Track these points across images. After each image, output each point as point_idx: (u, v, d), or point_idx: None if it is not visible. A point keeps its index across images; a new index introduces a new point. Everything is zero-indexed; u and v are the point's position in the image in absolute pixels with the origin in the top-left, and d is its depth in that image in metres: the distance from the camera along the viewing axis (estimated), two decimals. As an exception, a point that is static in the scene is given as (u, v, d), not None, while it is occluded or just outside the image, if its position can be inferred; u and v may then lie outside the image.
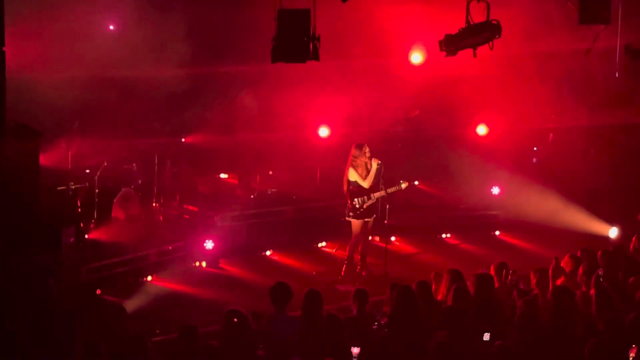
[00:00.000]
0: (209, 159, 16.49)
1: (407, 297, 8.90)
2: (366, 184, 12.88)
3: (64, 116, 13.39)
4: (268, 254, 14.31)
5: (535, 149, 18.08)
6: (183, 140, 15.79)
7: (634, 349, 7.80)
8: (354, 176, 12.90)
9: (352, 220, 12.99)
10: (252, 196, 15.87)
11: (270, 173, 17.21)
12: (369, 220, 13.04)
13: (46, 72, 13.07)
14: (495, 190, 16.77)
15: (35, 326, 8.77)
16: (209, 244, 13.52)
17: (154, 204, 14.44)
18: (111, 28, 14.85)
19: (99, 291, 11.93)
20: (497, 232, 16.02)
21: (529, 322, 8.48)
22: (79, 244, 11.79)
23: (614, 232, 15.10)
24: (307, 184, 16.70)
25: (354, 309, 9.16)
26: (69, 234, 11.40)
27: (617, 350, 7.90)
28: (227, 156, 16.58)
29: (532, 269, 10.30)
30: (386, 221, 13.05)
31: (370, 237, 13.64)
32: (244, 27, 15.26)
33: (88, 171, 13.61)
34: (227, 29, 15.78)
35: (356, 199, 12.87)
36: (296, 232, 15.01)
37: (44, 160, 11.74)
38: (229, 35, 15.80)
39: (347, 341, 8.17)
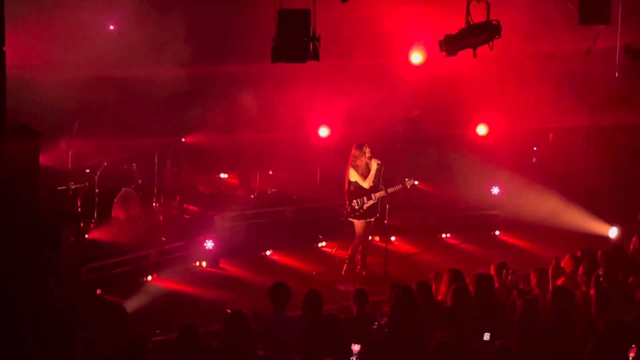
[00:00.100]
0: (209, 159, 16.50)
1: (407, 297, 8.90)
2: (366, 184, 12.87)
3: (64, 116, 13.38)
4: (268, 253, 14.30)
5: (535, 149, 18.09)
6: (183, 140, 15.79)
7: (633, 348, 7.80)
8: (354, 176, 12.89)
9: (354, 221, 13.01)
10: (252, 196, 15.88)
11: (270, 173, 17.23)
12: (371, 220, 13.05)
13: (46, 72, 13.06)
14: (495, 190, 16.78)
15: (35, 326, 8.76)
16: (209, 244, 13.53)
17: (154, 204, 14.44)
18: (111, 28, 14.85)
19: (99, 291, 11.92)
20: (497, 232, 16.02)
21: (529, 322, 8.47)
22: (79, 244, 11.77)
23: (614, 232, 15.09)
24: (307, 184, 16.72)
25: (354, 309, 9.16)
26: (69, 234, 11.37)
27: (617, 350, 7.89)
28: (227, 156, 16.59)
29: (532, 269, 10.29)
30: (386, 221, 13.04)
31: (370, 237, 13.64)
32: (244, 27, 15.26)
33: (88, 171, 13.59)
34: (227, 29, 15.78)
35: (355, 201, 12.87)
36: (296, 232, 15.02)
37: (44, 160, 11.74)
38: (229, 35, 15.80)
39: (347, 341, 8.16)
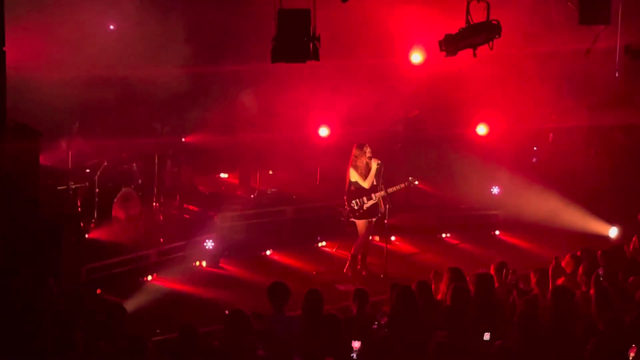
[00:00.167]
0: (209, 158, 16.49)
1: (407, 297, 8.91)
2: (366, 184, 12.87)
3: (64, 116, 13.38)
4: (268, 253, 14.30)
5: (535, 148, 18.08)
6: (183, 140, 15.78)
7: (633, 348, 7.80)
8: (354, 176, 12.89)
9: (356, 221, 13.01)
10: (252, 196, 15.87)
11: (271, 173, 17.22)
12: (373, 219, 13.05)
13: (46, 71, 13.04)
14: (495, 190, 16.78)
15: (35, 326, 8.76)
16: (209, 244, 13.53)
17: (154, 204, 14.43)
18: (111, 28, 14.84)
19: (99, 291, 11.92)
20: (497, 232, 16.02)
21: (529, 322, 8.47)
22: (79, 244, 11.76)
23: (614, 232, 15.10)
24: (307, 184, 16.71)
25: (354, 308, 9.16)
26: (69, 234, 11.37)
27: (617, 350, 7.89)
28: (227, 156, 16.58)
29: (532, 268, 10.29)
30: (386, 221, 13.04)
31: (370, 237, 13.64)
32: (244, 27, 15.27)
33: (88, 171, 13.59)
34: (227, 29, 15.79)
35: (354, 201, 12.87)
36: (296, 232, 15.02)
37: (44, 160, 11.73)
38: (229, 35, 15.80)
39: (347, 341, 8.16)
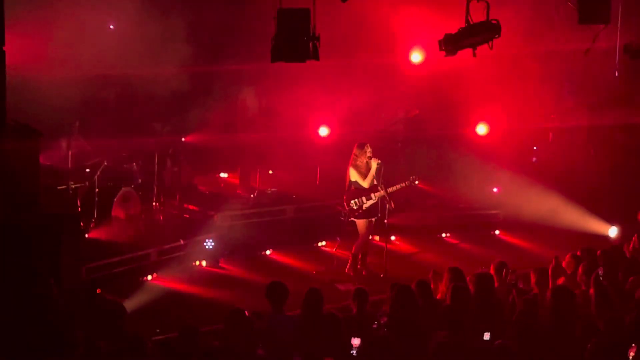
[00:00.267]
0: (209, 158, 16.49)
1: (406, 296, 8.91)
2: (366, 183, 12.88)
3: (64, 116, 13.38)
4: (268, 253, 14.30)
5: (535, 148, 18.08)
6: (183, 139, 15.78)
7: (633, 348, 7.80)
8: (354, 176, 12.89)
9: (356, 221, 13.01)
10: (252, 195, 15.87)
11: (271, 172, 17.23)
12: (373, 219, 13.05)
13: (46, 71, 13.05)
14: (495, 190, 16.78)
15: (35, 326, 8.76)
16: (209, 244, 13.53)
17: (154, 204, 14.44)
18: (111, 28, 14.85)
19: (99, 291, 11.92)
20: (496, 232, 16.02)
21: (529, 322, 8.47)
22: (79, 243, 11.76)
23: (613, 232, 15.10)
24: (307, 184, 16.71)
25: (354, 308, 9.16)
26: (69, 233, 11.37)
27: (617, 350, 7.89)
28: (227, 155, 16.58)
29: (532, 268, 10.29)
30: (386, 221, 13.04)
31: (370, 237, 13.64)
32: (244, 27, 15.27)
33: (88, 170, 13.58)
34: (227, 28, 15.79)
35: (353, 201, 12.88)
36: (296, 232, 15.02)
37: (44, 159, 11.75)
38: (229, 35, 15.80)
39: (347, 340, 8.16)
